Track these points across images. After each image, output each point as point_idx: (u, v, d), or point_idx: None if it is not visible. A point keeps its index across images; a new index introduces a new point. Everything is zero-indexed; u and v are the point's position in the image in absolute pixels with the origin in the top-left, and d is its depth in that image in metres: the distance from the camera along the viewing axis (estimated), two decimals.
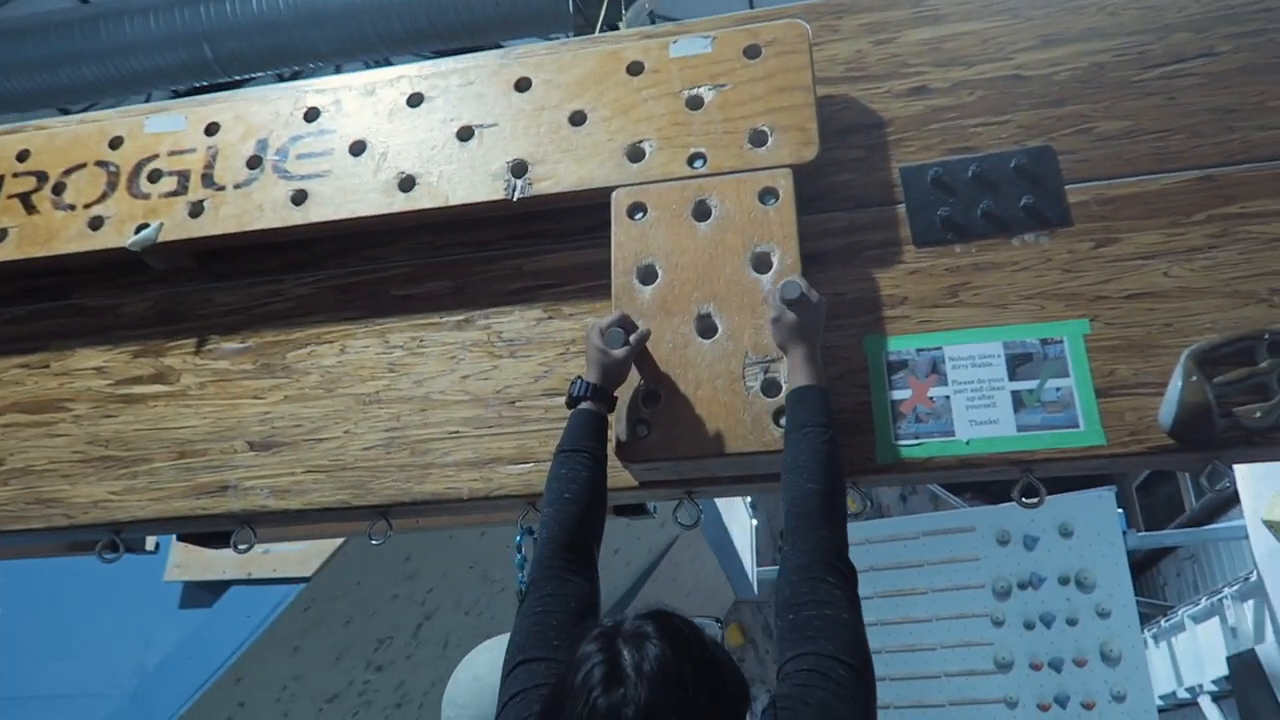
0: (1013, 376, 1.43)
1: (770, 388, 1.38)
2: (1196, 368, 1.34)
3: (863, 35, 1.70)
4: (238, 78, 4.40)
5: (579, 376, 1.39)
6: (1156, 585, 10.49)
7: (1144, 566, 10.57)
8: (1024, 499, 1.41)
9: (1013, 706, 5.79)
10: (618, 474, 1.45)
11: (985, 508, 7.23)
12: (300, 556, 2.96)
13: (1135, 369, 1.39)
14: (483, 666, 1.58)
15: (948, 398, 1.43)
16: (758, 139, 1.54)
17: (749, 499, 8.36)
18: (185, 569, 3.04)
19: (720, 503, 4.58)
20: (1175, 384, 1.34)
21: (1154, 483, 10.62)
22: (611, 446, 1.38)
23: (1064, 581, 6.04)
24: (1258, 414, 1.32)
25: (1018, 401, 1.41)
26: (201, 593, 3.02)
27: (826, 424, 1.25)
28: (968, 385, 1.44)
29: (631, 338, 1.38)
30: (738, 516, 5.53)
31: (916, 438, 1.42)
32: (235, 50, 4.09)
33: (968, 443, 1.41)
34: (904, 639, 5.98)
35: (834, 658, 1.04)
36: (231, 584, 2.97)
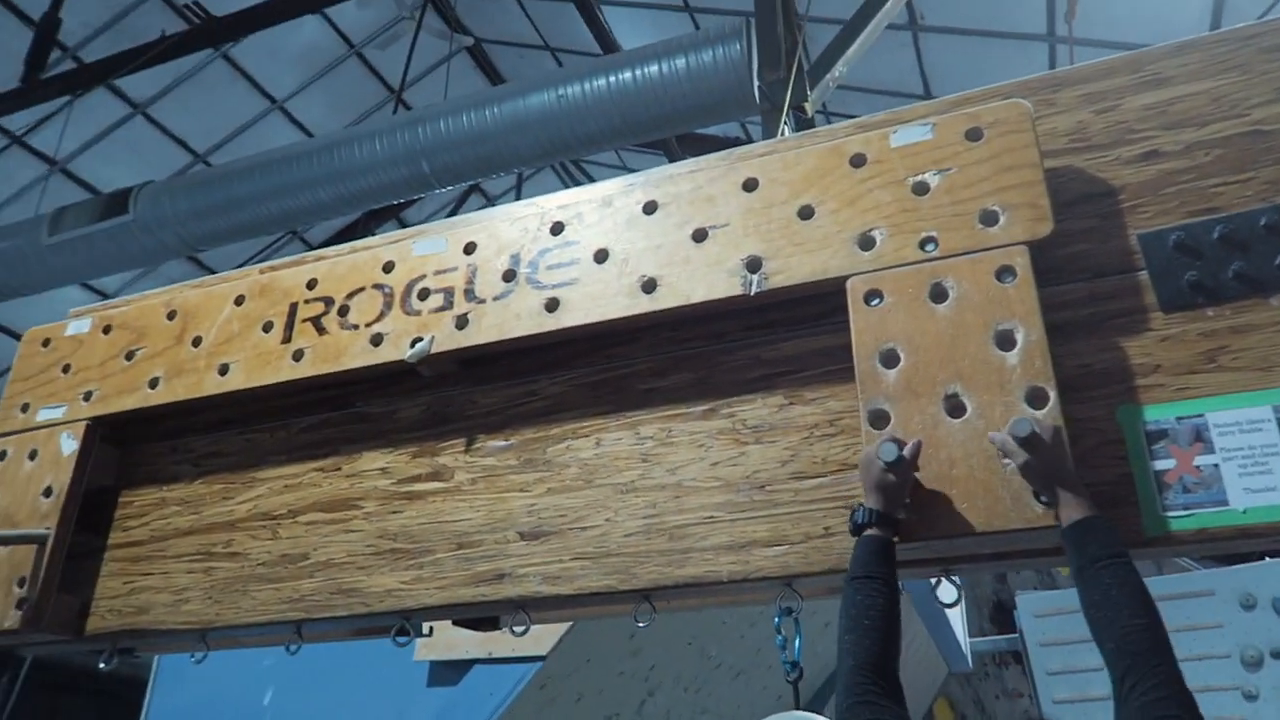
0: None
1: None
2: None
3: (1082, 106, 1.71)
4: (446, 188, 4.80)
5: (860, 503, 1.42)
6: None
7: None
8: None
9: None
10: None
11: (1224, 569, 6.66)
12: (535, 636, 3.11)
13: None
14: None
15: (1216, 466, 1.40)
16: (989, 219, 1.58)
17: None
18: (432, 649, 3.26)
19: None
20: None
21: None
22: None
23: None
24: None
25: None
26: (447, 671, 3.23)
27: (1121, 553, 1.24)
28: (1238, 452, 1.40)
29: (905, 450, 1.40)
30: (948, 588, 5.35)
31: (1186, 509, 1.39)
32: (449, 163, 4.49)
33: (1244, 511, 1.37)
34: None
35: None
36: (474, 663, 3.16)
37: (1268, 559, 5.88)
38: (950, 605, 1.51)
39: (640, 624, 1.66)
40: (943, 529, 1.40)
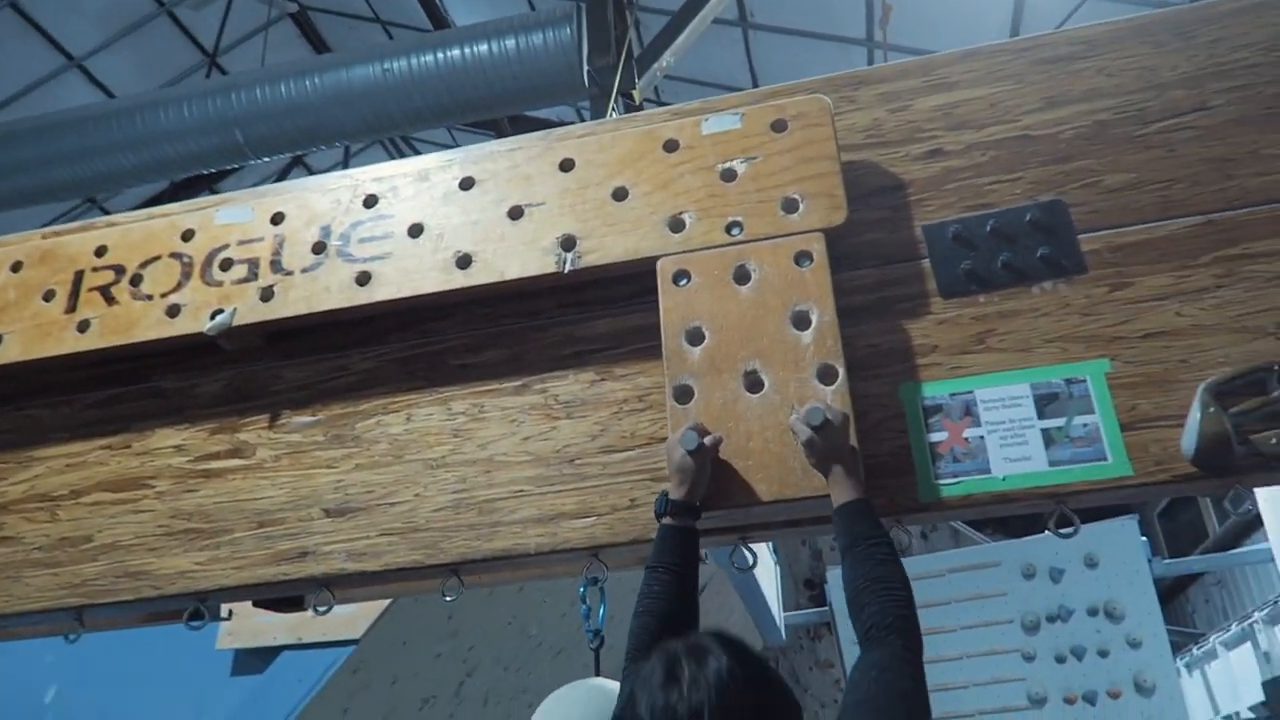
0: (1041, 415, 1.53)
1: None
2: (1213, 400, 1.44)
3: (878, 104, 1.83)
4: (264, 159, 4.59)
5: (663, 492, 1.47)
6: (1185, 613, 10.43)
7: (1172, 594, 10.51)
8: (1059, 530, 1.51)
9: None
10: None
11: (1009, 542, 7.24)
12: (348, 619, 3.04)
13: (1156, 403, 1.49)
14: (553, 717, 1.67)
15: (982, 438, 1.54)
16: (790, 206, 1.66)
17: (772, 546, 8.36)
18: (237, 636, 3.12)
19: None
20: (1194, 415, 1.44)
21: (1176, 510, 10.62)
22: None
23: (1092, 613, 6.04)
24: (1273, 440, 1.42)
25: (1048, 439, 1.51)
26: (253, 659, 3.10)
27: (887, 536, 1.35)
28: (1000, 425, 1.54)
29: (706, 440, 1.46)
30: (764, 563, 5.58)
31: (955, 476, 1.52)
32: (265, 133, 4.28)
33: (1004, 479, 1.51)
34: (936, 678, 5.94)
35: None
36: (283, 649, 3.05)
37: (1047, 532, 6.45)
38: (746, 570, 1.59)
39: (447, 598, 1.66)
40: (739, 499, 1.47)
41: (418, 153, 9.98)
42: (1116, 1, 4.95)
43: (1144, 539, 6.20)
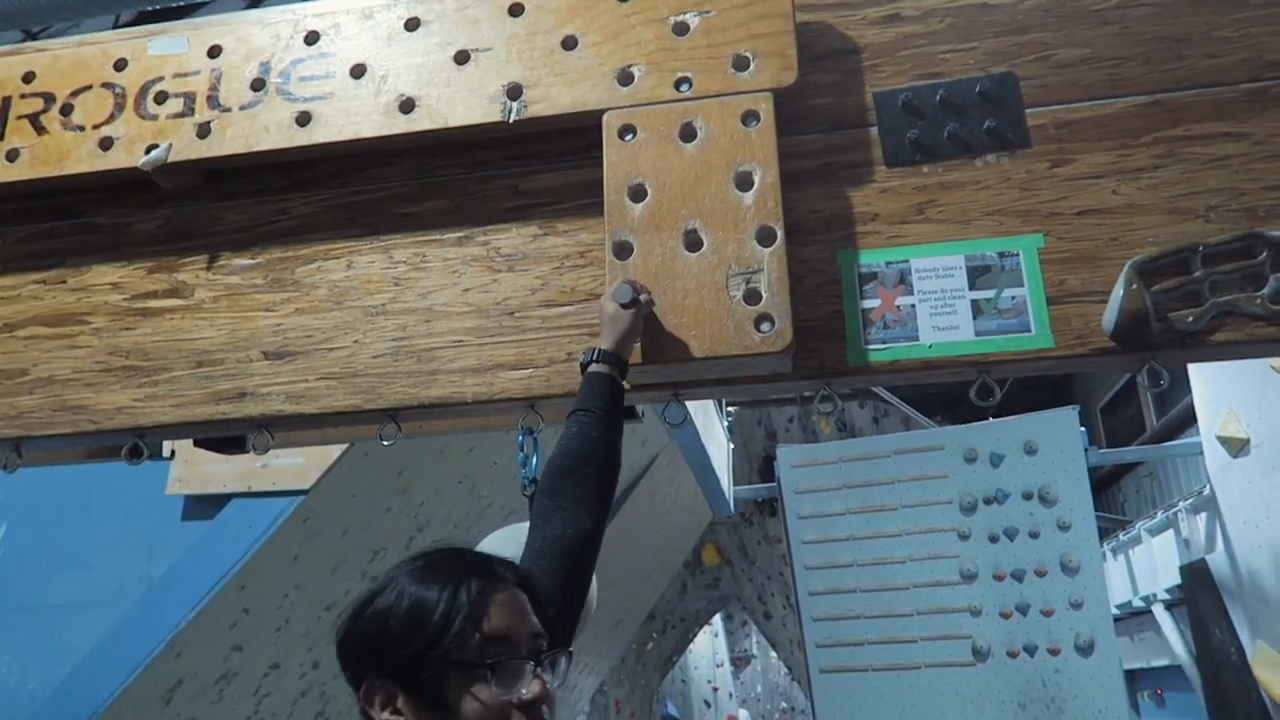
0: (973, 286, 1.56)
1: (752, 297, 1.50)
2: (1137, 277, 1.47)
3: None
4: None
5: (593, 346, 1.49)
6: (1118, 502, 10.89)
7: (1107, 484, 10.95)
8: (978, 398, 1.56)
9: (976, 615, 6.08)
10: None
11: (954, 427, 7.44)
12: (298, 470, 3.09)
13: (1083, 279, 1.52)
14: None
15: (913, 306, 1.57)
16: (740, 64, 1.63)
17: (727, 422, 8.54)
18: (186, 483, 3.16)
19: (699, 423, 4.74)
20: (1117, 292, 1.48)
21: (1118, 404, 10.95)
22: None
23: (1027, 497, 6.27)
24: (1190, 318, 1.47)
25: (976, 309, 1.55)
26: (203, 506, 3.15)
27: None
28: (932, 295, 1.57)
29: (642, 297, 1.48)
30: (716, 437, 5.71)
31: (884, 343, 1.56)
32: None
33: (930, 346, 1.55)
34: (875, 553, 6.24)
35: None
36: (232, 497, 3.10)
37: (991, 419, 6.65)
38: (677, 425, 1.63)
39: (385, 443, 1.69)
40: (671, 354, 1.50)
41: None
42: None
43: (1083, 429, 6.40)
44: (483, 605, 1.04)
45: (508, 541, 1.72)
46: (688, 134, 1.61)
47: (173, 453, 3.08)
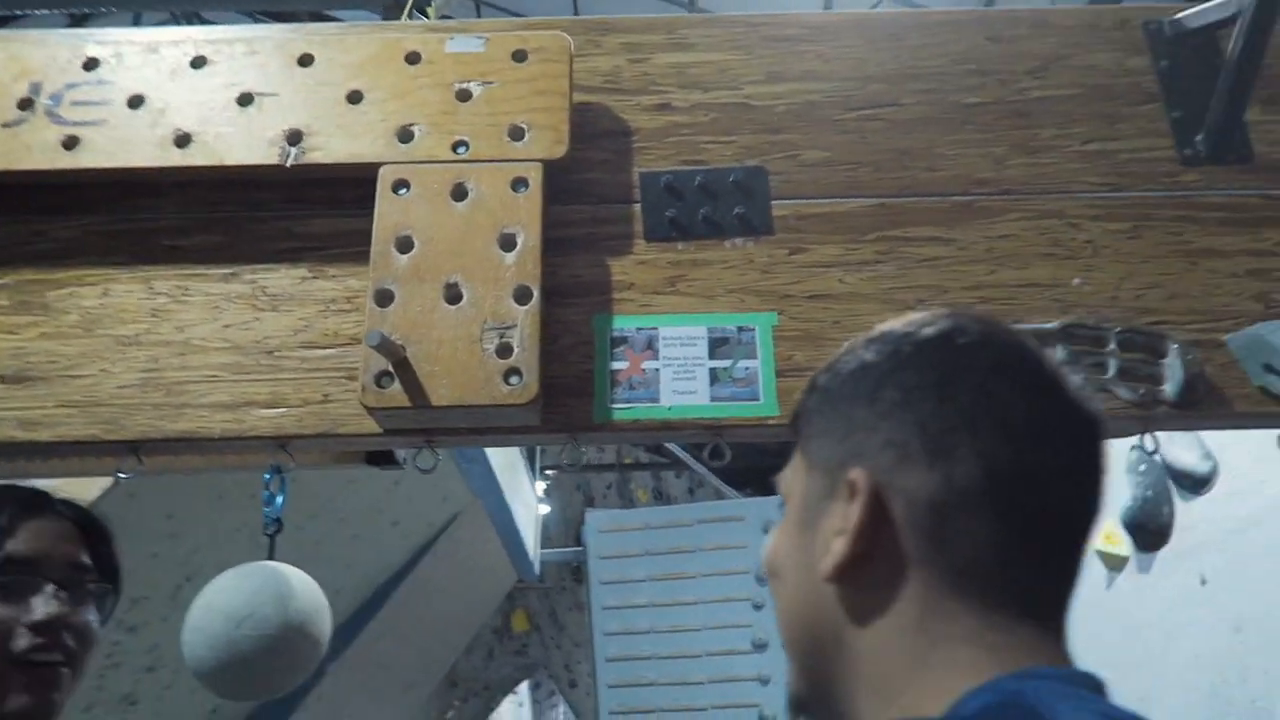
0: (712, 356, 1.69)
1: (504, 351, 1.58)
2: None
3: (621, 53, 1.93)
4: (18, 12, 4.17)
5: None
6: None
7: None
8: (711, 460, 1.68)
9: (765, 684, 6.27)
10: (365, 420, 1.61)
11: (754, 499, 7.73)
12: None
13: (808, 355, 1.68)
14: (213, 595, 1.70)
15: (657, 370, 1.68)
16: (516, 134, 1.73)
17: (545, 485, 8.52)
18: None
19: (504, 482, 4.75)
20: None
21: None
22: (360, 395, 1.55)
23: None
24: None
25: (714, 377, 1.67)
26: None
27: None
28: (675, 361, 1.69)
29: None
30: (524, 498, 5.71)
31: (628, 402, 1.66)
32: None
33: (670, 409, 1.66)
34: (673, 620, 6.37)
35: None
36: None
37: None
38: (427, 471, 1.67)
39: (122, 476, 1.64)
40: (419, 400, 1.55)
41: None
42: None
43: None
44: (12, 528, 1.09)
45: (246, 577, 1.69)
46: (459, 194, 1.69)
47: None
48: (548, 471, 8.36)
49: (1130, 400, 1.64)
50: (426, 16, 3.63)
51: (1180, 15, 1.86)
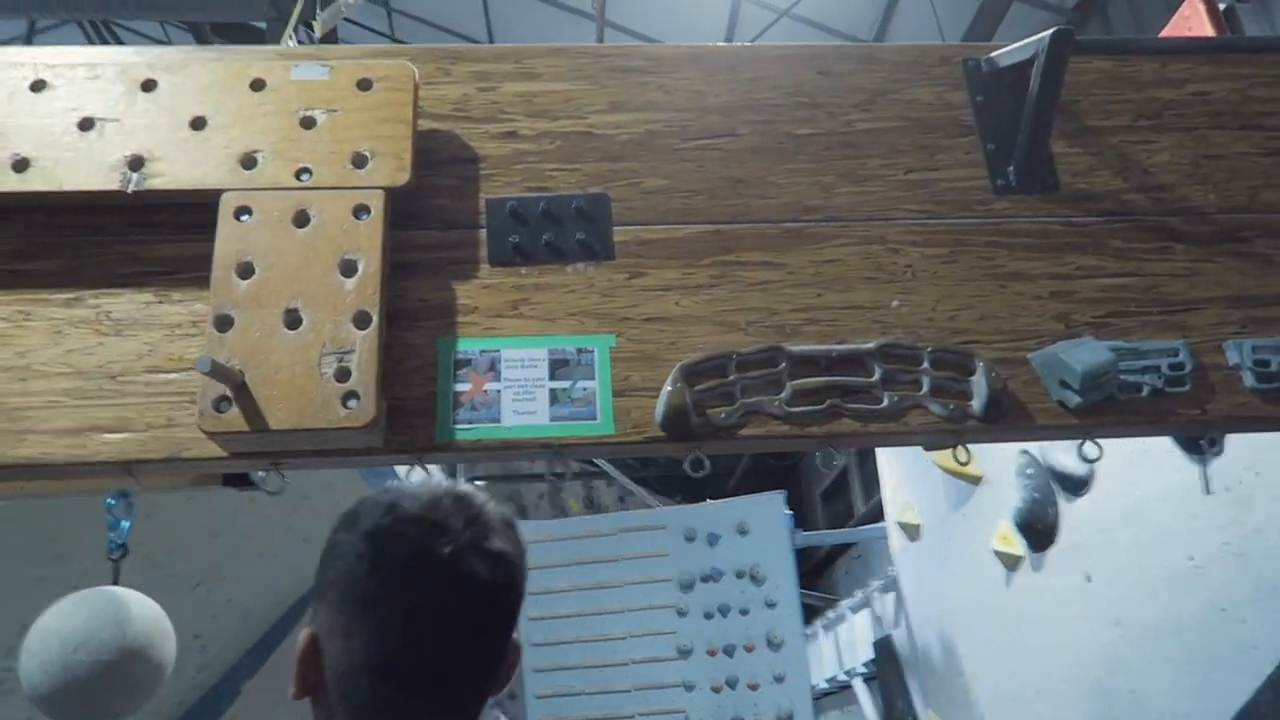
0: (552, 377, 1.76)
1: (342, 375, 1.62)
2: (682, 378, 1.73)
3: (470, 81, 1.99)
4: None
5: None
6: (832, 582, 11.76)
7: (822, 567, 11.81)
8: (554, 475, 1.74)
9: (690, 690, 6.37)
10: (211, 444, 1.64)
11: (675, 507, 7.81)
12: None
13: (644, 376, 1.76)
14: (50, 619, 1.71)
15: (499, 391, 1.74)
16: (359, 161, 1.78)
17: None
18: None
19: None
20: (666, 389, 1.72)
21: (834, 491, 11.92)
22: (199, 419, 1.58)
23: (740, 575, 6.70)
24: (723, 415, 1.73)
25: (553, 397, 1.74)
26: None
27: None
28: (516, 382, 1.75)
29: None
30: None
31: (470, 423, 1.72)
32: None
33: (510, 429, 1.72)
34: (597, 629, 6.43)
35: None
36: None
37: (709, 500, 7.07)
38: (273, 494, 1.71)
39: None
40: (257, 424, 1.59)
41: (121, 41, 9.15)
42: (804, 24, 5.46)
43: (790, 512, 6.94)
44: None
45: (83, 602, 1.71)
46: (301, 220, 1.73)
47: None
48: (478, 481, 8.37)
49: (942, 415, 1.75)
50: (312, 29, 3.65)
51: (994, 54, 1.99)
